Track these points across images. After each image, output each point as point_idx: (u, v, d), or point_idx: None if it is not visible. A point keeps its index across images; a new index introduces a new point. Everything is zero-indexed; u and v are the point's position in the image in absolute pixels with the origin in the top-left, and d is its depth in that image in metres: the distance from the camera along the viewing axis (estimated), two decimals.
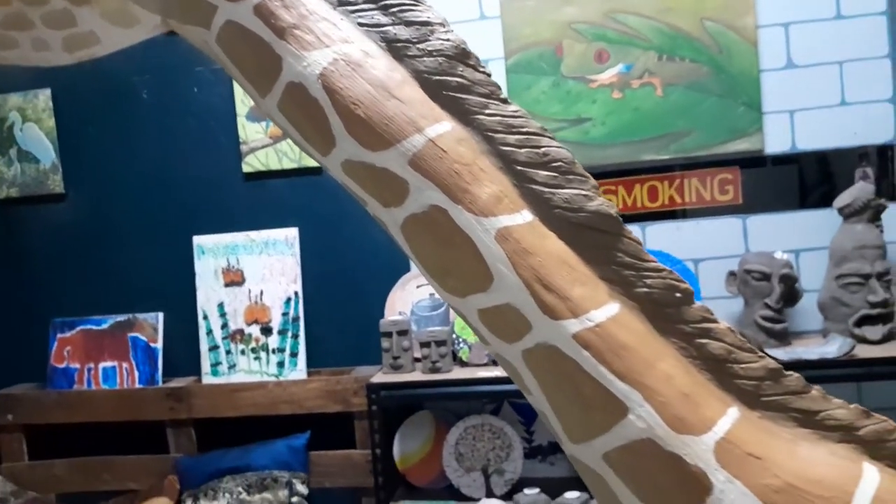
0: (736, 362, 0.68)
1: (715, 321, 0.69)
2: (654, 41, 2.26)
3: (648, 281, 0.69)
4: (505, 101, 0.72)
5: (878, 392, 2.23)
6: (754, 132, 2.25)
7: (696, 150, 2.27)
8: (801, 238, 2.27)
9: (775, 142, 2.26)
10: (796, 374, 0.68)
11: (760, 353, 0.69)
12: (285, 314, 2.47)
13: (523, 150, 0.70)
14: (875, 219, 2.11)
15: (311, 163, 2.47)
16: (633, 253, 0.69)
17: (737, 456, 0.64)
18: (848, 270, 2.08)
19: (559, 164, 0.70)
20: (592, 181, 0.71)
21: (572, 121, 2.31)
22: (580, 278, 0.68)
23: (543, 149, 0.70)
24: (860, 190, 2.11)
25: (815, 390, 0.68)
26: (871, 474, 0.64)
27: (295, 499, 2.30)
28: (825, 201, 2.22)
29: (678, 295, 0.69)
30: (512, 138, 0.70)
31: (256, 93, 0.75)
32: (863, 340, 2.03)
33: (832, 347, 1.97)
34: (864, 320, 2.06)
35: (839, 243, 2.12)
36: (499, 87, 0.73)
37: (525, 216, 0.69)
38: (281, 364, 2.46)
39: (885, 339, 2.04)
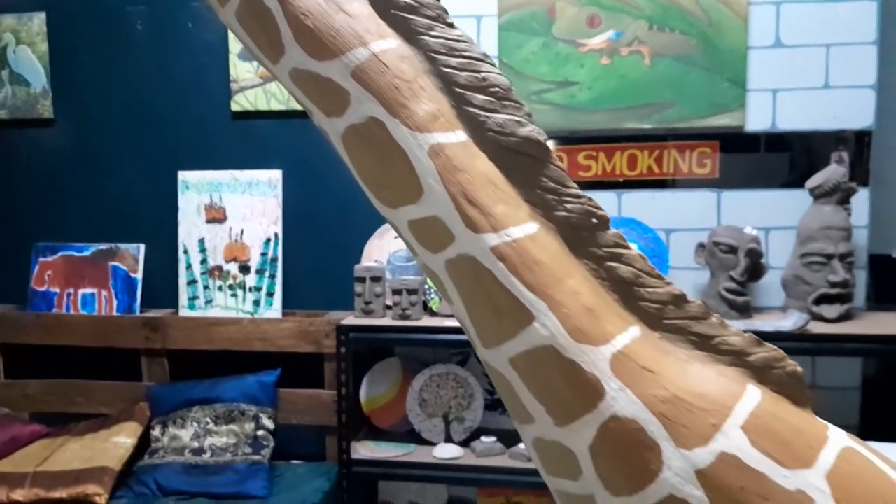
0: (643, 286, 0.72)
1: (627, 247, 0.74)
2: (647, 10, 2.28)
3: (568, 206, 0.73)
4: (451, 26, 0.76)
5: (831, 371, 2.30)
6: (737, 108, 2.28)
7: (678, 121, 2.30)
8: (773, 216, 2.32)
9: (757, 119, 2.30)
10: (699, 302, 0.73)
11: (667, 281, 0.73)
12: (264, 254, 2.51)
13: (463, 74, 0.74)
14: (844, 202, 2.16)
15: (299, 106, 2.49)
16: (557, 179, 0.73)
17: (631, 368, 0.69)
18: (812, 250, 2.13)
19: (496, 89, 0.74)
20: (526, 109, 0.75)
21: (559, 83, 2.34)
22: (504, 197, 0.72)
23: (483, 74, 0.74)
24: (832, 172, 2.15)
25: (715, 317, 0.73)
26: (753, 394, 0.70)
27: (261, 432, 2.37)
28: (800, 182, 2.26)
29: (594, 220, 0.73)
30: (454, 61, 0.74)
31: (216, 1, 0.78)
32: (820, 318, 2.09)
33: (788, 322, 2.02)
34: (823, 299, 2.11)
35: (807, 223, 2.17)
36: (446, 12, 0.76)
37: (459, 136, 0.73)
38: (257, 303, 2.52)
39: (840, 319, 2.10)
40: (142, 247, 2.61)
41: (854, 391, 2.31)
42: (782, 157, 2.32)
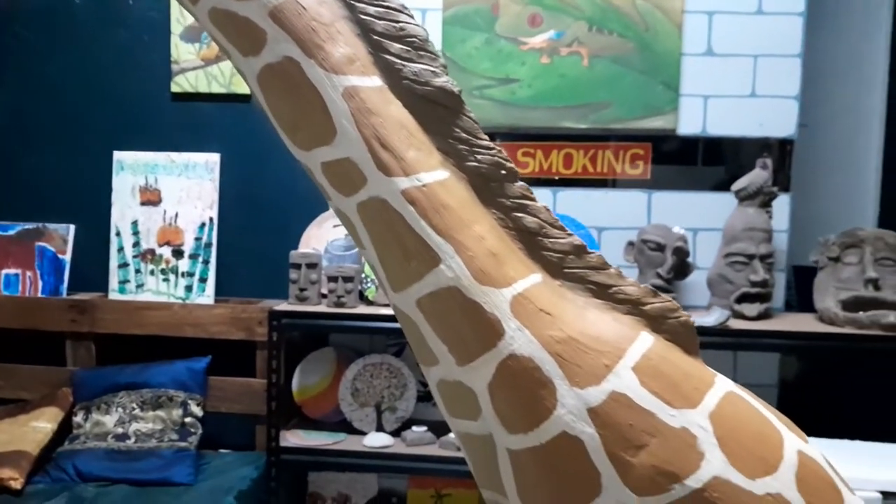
0: (546, 237, 0.75)
1: (533, 199, 0.77)
2: (587, 12, 2.34)
3: (479, 156, 0.75)
4: None
5: (751, 369, 2.39)
6: (669, 112, 2.36)
7: (613, 122, 2.37)
8: (701, 218, 2.40)
9: (688, 123, 2.38)
10: (598, 253, 0.76)
11: (569, 232, 0.76)
12: (198, 239, 2.48)
13: (381, 22, 0.76)
14: (766, 205, 2.26)
15: (241, 90, 2.47)
16: (469, 130, 0.76)
17: (530, 310, 0.72)
18: (735, 250, 2.22)
19: (413, 39, 0.76)
20: (441, 60, 0.77)
21: (500, 80, 2.38)
22: (416, 144, 0.74)
23: (401, 24, 0.76)
24: (756, 176, 2.25)
25: (613, 269, 0.76)
26: (645, 339, 0.73)
27: (188, 419, 2.33)
28: (727, 185, 2.34)
29: (503, 172, 0.76)
30: (372, 9, 0.76)
31: None
32: (741, 316, 2.18)
33: (710, 318, 2.10)
34: (745, 298, 2.20)
35: (731, 224, 2.26)
36: None
37: (374, 81, 0.75)
38: (189, 288, 2.48)
39: (760, 317, 2.19)
40: (71, 227, 2.54)
41: (772, 388, 2.41)
42: (711, 161, 2.41)
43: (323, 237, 2.46)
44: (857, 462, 1.87)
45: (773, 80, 2.35)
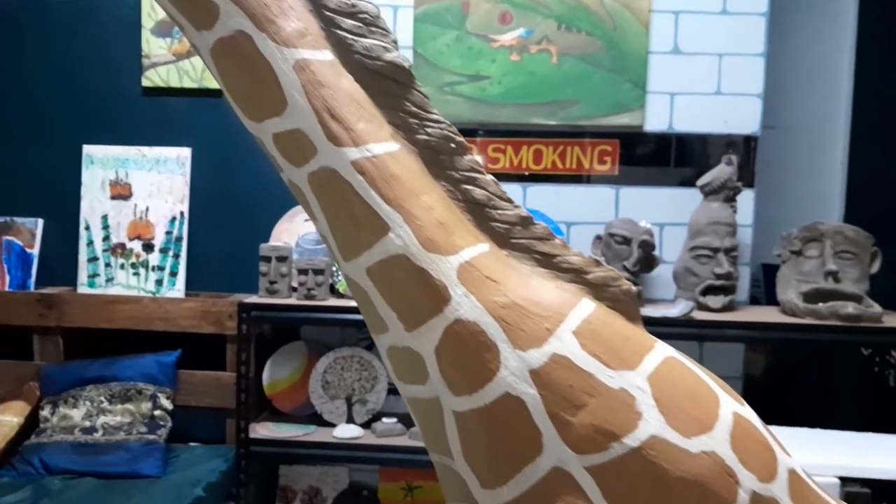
0: (494, 208, 0.78)
1: (482, 172, 0.79)
2: (556, 10, 2.38)
3: (429, 130, 0.78)
4: None
5: (716, 361, 2.43)
6: (636, 109, 2.40)
7: (581, 119, 2.41)
8: (667, 213, 2.45)
9: (655, 120, 2.43)
10: (544, 224, 0.78)
11: (516, 205, 0.79)
12: (169, 233, 2.47)
13: None
14: (730, 199, 2.30)
15: (213, 84, 2.47)
16: (419, 104, 0.78)
17: (476, 277, 0.74)
18: (700, 243, 2.26)
19: (365, 15, 0.78)
20: (393, 36, 0.79)
21: (471, 76, 2.41)
22: (366, 116, 0.76)
23: (352, 0, 0.78)
24: (720, 171, 2.30)
25: (558, 239, 0.79)
26: (587, 305, 0.76)
27: (157, 412, 2.32)
28: (693, 181, 2.39)
29: (453, 145, 0.78)
30: None
31: None
32: (705, 308, 2.22)
33: (675, 309, 2.14)
34: (709, 290, 2.24)
35: (696, 218, 2.30)
36: None
37: (325, 55, 0.77)
38: (159, 282, 2.47)
39: (724, 309, 2.23)
40: (40, 221, 2.53)
41: (737, 380, 2.45)
42: (677, 158, 2.46)
43: (294, 231, 2.47)
44: (816, 449, 1.92)
45: (738, 79, 2.40)
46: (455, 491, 0.78)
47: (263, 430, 2.26)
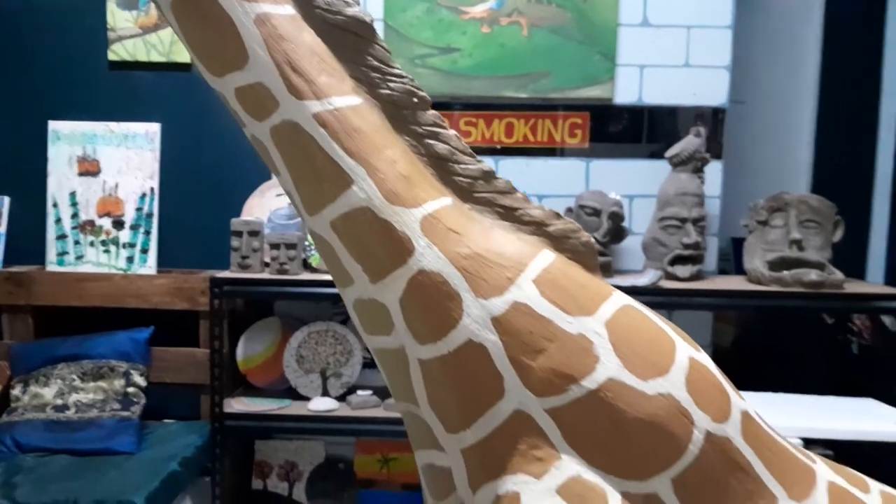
0: (456, 163, 0.79)
1: (444, 127, 0.80)
2: None
3: (391, 84, 0.78)
4: None
5: (687, 329, 2.48)
6: (606, 81, 2.42)
7: (552, 91, 2.42)
8: (637, 185, 2.48)
9: (624, 93, 2.45)
10: (505, 179, 0.80)
11: (478, 159, 0.80)
12: (139, 209, 2.45)
13: None
14: (698, 171, 2.34)
15: (181, 58, 2.45)
16: (381, 59, 0.79)
17: (439, 229, 0.75)
18: (669, 214, 2.30)
19: None
20: None
21: (442, 49, 2.41)
22: (328, 70, 0.77)
23: None
24: (688, 142, 2.33)
25: (520, 193, 0.80)
26: (547, 255, 0.78)
27: (131, 389, 2.31)
28: (663, 153, 2.42)
29: (415, 100, 0.79)
30: None
31: None
32: (674, 277, 2.26)
33: (644, 279, 2.18)
34: (677, 260, 2.28)
35: (665, 189, 2.33)
36: None
37: (286, 9, 0.77)
38: (130, 259, 2.45)
39: (692, 278, 2.27)
40: (6, 199, 2.49)
41: (706, 349, 2.49)
42: (647, 130, 2.49)
43: (265, 206, 2.46)
44: (781, 412, 1.98)
45: (706, 51, 2.43)
46: (421, 438, 0.80)
47: (238, 404, 2.27)
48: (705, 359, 0.81)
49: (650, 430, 0.73)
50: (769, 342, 2.72)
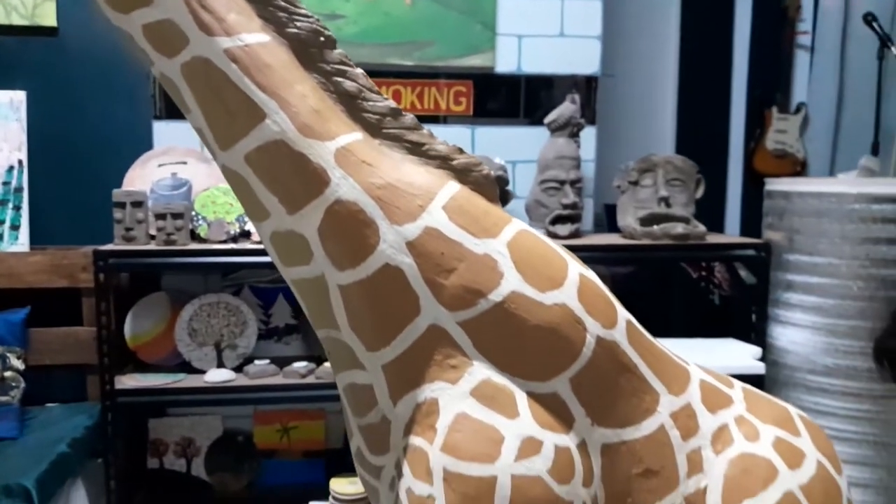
0: (365, 100, 0.84)
1: (351, 66, 0.84)
2: None
3: (298, 24, 0.82)
4: None
5: None
6: (487, 50, 2.52)
7: (436, 60, 2.49)
8: (519, 150, 2.61)
9: (504, 62, 2.56)
10: (412, 115, 0.85)
11: (385, 97, 0.85)
12: (6, 184, 2.30)
13: None
14: (574, 135, 2.49)
15: (46, 22, 2.31)
16: None
17: (352, 161, 0.80)
18: (548, 177, 2.43)
19: None
20: None
21: (327, 15, 2.41)
22: (236, 8, 0.79)
23: None
24: (565, 108, 2.47)
25: (426, 130, 0.86)
26: (452, 186, 0.84)
27: (8, 373, 2.19)
28: (542, 120, 2.55)
29: (322, 39, 0.83)
30: None
31: None
32: (554, 236, 2.40)
33: None
34: (558, 219, 2.42)
35: (544, 154, 2.47)
36: None
37: None
38: (0, 237, 2.30)
39: (571, 236, 2.42)
40: None
41: None
42: (527, 97, 2.61)
43: (147, 178, 2.37)
44: None
45: (579, 21, 2.58)
46: (343, 360, 0.85)
47: (130, 381, 2.20)
48: (593, 275, 0.90)
49: (549, 336, 0.82)
50: (641, 295, 2.95)
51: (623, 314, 0.90)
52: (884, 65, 2.88)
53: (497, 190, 0.89)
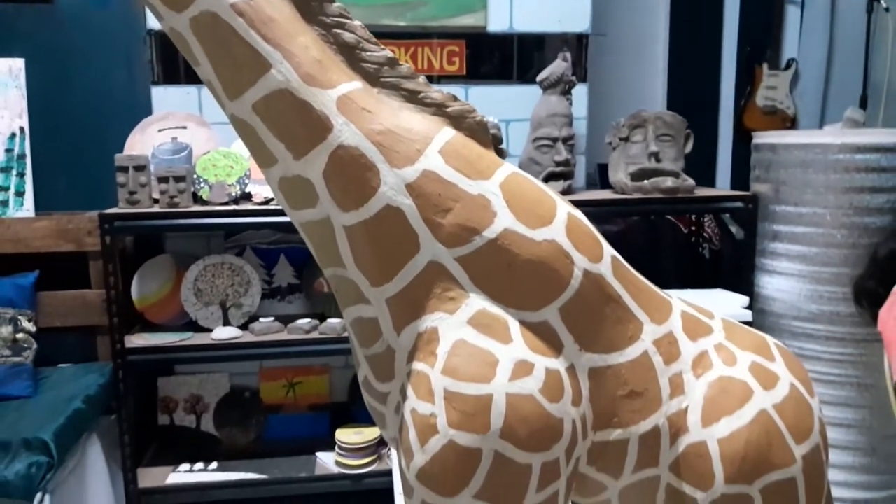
0: (363, 50, 0.89)
1: (349, 18, 0.89)
2: None
3: None
4: None
5: None
6: (479, 9, 2.54)
7: (429, 20, 2.52)
8: (513, 109, 2.65)
9: (496, 21, 2.58)
10: (408, 65, 0.91)
11: (383, 46, 0.90)
12: (9, 150, 2.34)
13: None
14: (566, 93, 2.53)
15: None
16: None
17: (353, 108, 0.86)
18: (541, 134, 2.48)
19: None
20: None
21: None
22: None
23: None
24: (556, 66, 2.50)
25: (421, 78, 0.92)
26: (448, 131, 0.90)
27: (20, 335, 2.26)
28: (534, 79, 2.59)
29: None
30: None
31: None
32: None
33: None
34: (550, 176, 2.47)
35: (537, 111, 2.51)
36: None
37: None
38: (5, 203, 2.35)
39: (564, 192, 2.48)
40: None
41: None
42: (519, 56, 2.65)
43: (147, 143, 2.42)
44: None
45: None
46: (349, 296, 0.91)
47: (139, 340, 2.27)
48: (581, 214, 0.97)
49: (539, 270, 0.88)
50: (634, 252, 3.02)
51: (608, 250, 0.97)
52: (872, 18, 2.91)
53: (490, 135, 0.94)
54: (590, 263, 0.92)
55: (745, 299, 2.43)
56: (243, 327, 2.38)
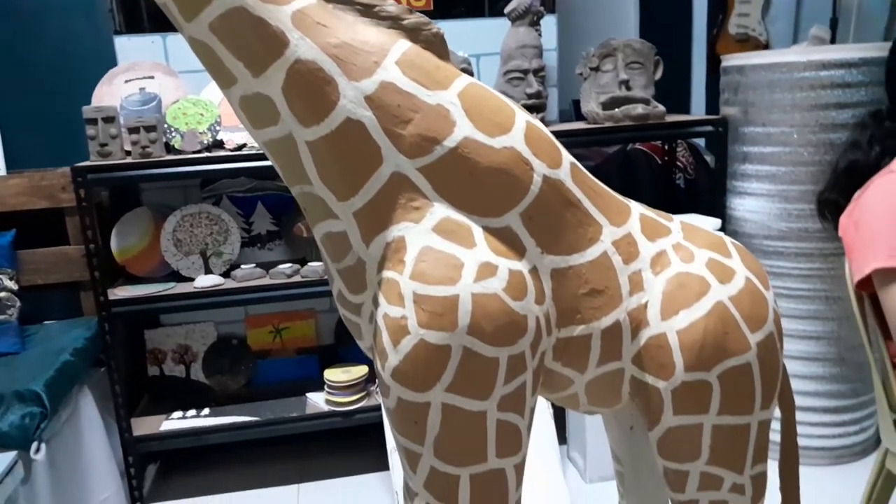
0: None
1: None
2: None
3: None
4: None
5: None
6: None
7: None
8: (483, 44, 2.64)
9: None
10: None
11: None
12: None
13: None
14: (535, 24, 2.52)
15: None
16: None
17: (308, 23, 0.87)
18: (512, 67, 2.48)
19: None
20: None
21: None
22: None
23: None
24: None
25: None
26: (404, 43, 0.91)
27: (3, 294, 2.27)
28: (503, 12, 2.57)
29: None
30: None
31: None
32: None
33: None
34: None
35: (506, 44, 2.50)
36: None
37: None
38: None
39: None
40: None
41: None
42: None
43: (115, 94, 2.40)
44: None
45: None
46: (318, 212, 0.94)
47: (123, 292, 2.29)
48: (539, 123, 0.99)
49: (500, 176, 0.91)
50: (610, 182, 3.05)
51: (567, 157, 0.99)
52: None
53: (447, 48, 0.96)
54: (549, 169, 0.94)
55: (717, 222, 2.48)
56: (226, 275, 2.41)
